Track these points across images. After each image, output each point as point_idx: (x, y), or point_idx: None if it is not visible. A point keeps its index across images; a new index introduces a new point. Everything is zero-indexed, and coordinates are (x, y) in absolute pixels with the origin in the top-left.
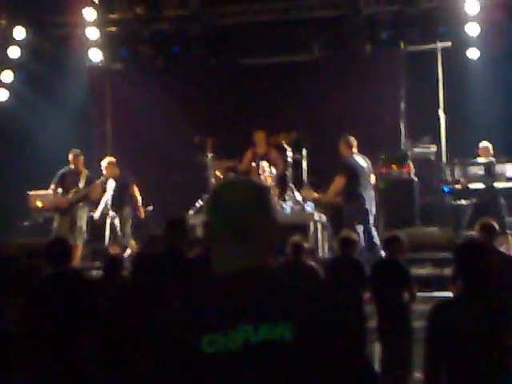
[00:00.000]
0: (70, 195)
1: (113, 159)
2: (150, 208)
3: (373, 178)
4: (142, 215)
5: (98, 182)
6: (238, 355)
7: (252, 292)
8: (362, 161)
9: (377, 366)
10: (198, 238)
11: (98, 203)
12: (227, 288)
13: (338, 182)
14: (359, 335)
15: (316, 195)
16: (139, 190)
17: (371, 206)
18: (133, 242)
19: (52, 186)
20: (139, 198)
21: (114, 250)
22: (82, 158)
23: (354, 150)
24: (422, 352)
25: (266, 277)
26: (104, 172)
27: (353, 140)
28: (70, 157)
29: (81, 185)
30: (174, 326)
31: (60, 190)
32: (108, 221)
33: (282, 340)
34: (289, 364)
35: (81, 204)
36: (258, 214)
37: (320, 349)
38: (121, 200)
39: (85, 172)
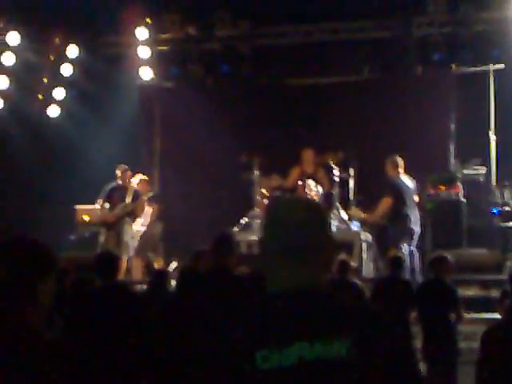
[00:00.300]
0: (117, 210)
1: (145, 177)
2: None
3: (416, 198)
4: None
5: (144, 197)
6: (293, 372)
7: (307, 310)
8: (408, 181)
9: None
10: (244, 255)
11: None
12: (283, 305)
13: (385, 203)
14: (411, 350)
15: (363, 215)
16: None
17: (416, 227)
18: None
19: (99, 201)
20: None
21: (159, 264)
22: (129, 173)
23: (401, 170)
24: (474, 375)
25: (321, 295)
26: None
27: (399, 160)
28: (118, 172)
29: (128, 200)
30: (229, 341)
31: (107, 205)
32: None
33: (336, 357)
34: (343, 381)
35: (127, 219)
36: (316, 232)
37: (374, 365)
38: None
39: (132, 187)
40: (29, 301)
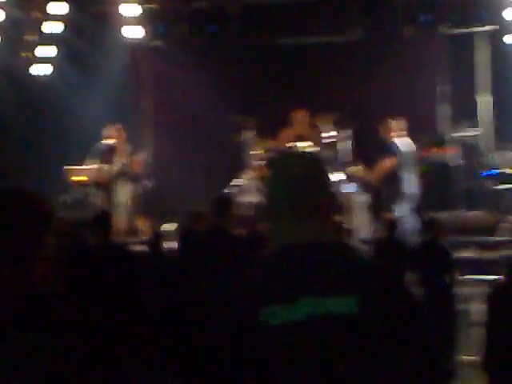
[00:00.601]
0: (112, 170)
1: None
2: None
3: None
4: None
5: (138, 156)
6: (302, 327)
7: (315, 264)
8: (404, 143)
9: None
10: (237, 217)
11: (139, 177)
12: (290, 260)
13: (385, 163)
14: (420, 306)
15: (362, 173)
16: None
17: (412, 189)
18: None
19: (93, 161)
20: None
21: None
22: (122, 133)
23: (394, 133)
24: (483, 336)
25: (327, 250)
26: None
27: (394, 124)
28: (113, 131)
29: (122, 160)
30: (237, 298)
31: (101, 165)
32: None
33: (345, 313)
34: (352, 336)
35: (121, 179)
36: (321, 187)
37: (384, 320)
38: None
39: (125, 147)
40: (36, 255)
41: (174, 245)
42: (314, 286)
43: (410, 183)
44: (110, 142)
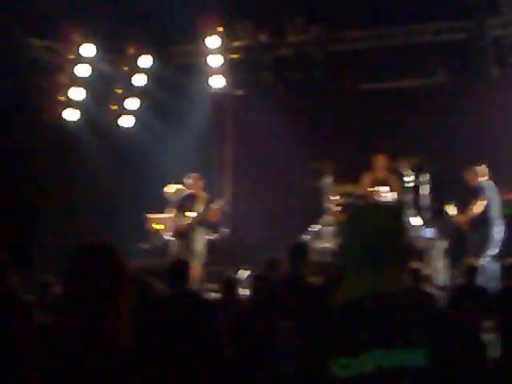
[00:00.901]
0: (190, 219)
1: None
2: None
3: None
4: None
5: (216, 205)
6: (372, 380)
7: (385, 317)
8: (491, 188)
9: None
10: (315, 263)
11: (216, 226)
12: (360, 312)
13: (479, 206)
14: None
15: (456, 213)
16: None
17: (499, 235)
18: None
19: (172, 210)
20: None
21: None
22: (201, 181)
23: (482, 178)
24: None
25: (398, 302)
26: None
27: (481, 169)
28: (190, 181)
29: (199, 208)
30: (307, 349)
31: (179, 214)
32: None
33: (417, 365)
34: None
35: (198, 227)
36: (396, 237)
37: (456, 374)
38: None
39: (203, 195)
40: (114, 314)
41: (246, 292)
42: (385, 338)
43: (498, 228)
44: (189, 190)
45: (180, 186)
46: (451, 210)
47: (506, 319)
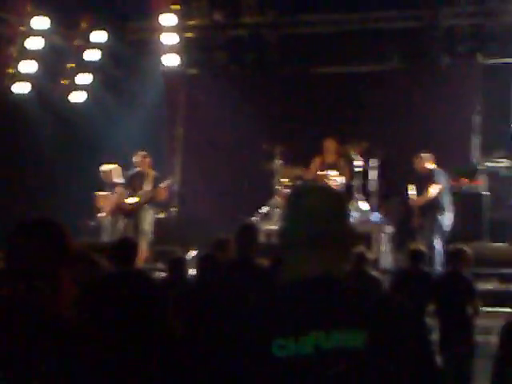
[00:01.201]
0: (138, 197)
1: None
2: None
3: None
4: None
5: (164, 183)
6: (309, 361)
7: (325, 299)
8: (443, 173)
9: None
10: (263, 245)
11: (164, 205)
12: (300, 294)
13: (435, 188)
14: (429, 341)
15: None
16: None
17: (449, 220)
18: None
19: (118, 188)
20: None
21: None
22: (148, 159)
23: (430, 164)
24: (491, 369)
25: (339, 284)
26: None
27: (429, 156)
28: (137, 158)
29: (146, 187)
30: (246, 329)
31: (127, 192)
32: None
33: (353, 347)
34: (360, 371)
35: (146, 206)
36: (336, 220)
37: (391, 355)
38: None
39: (152, 173)
40: (53, 285)
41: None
42: (324, 320)
43: (448, 214)
44: (137, 168)
45: (115, 166)
46: (411, 190)
47: (447, 303)
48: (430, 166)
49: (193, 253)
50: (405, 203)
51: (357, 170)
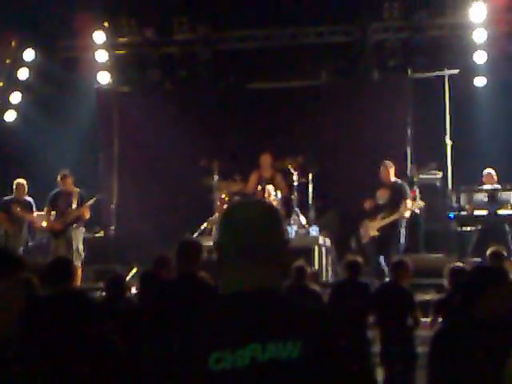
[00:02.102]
0: (64, 217)
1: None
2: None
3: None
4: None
5: (90, 202)
6: (245, 373)
7: (261, 311)
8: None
9: None
10: (204, 261)
11: (91, 223)
12: (236, 307)
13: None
14: (365, 354)
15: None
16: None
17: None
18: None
19: (45, 210)
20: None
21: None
22: (69, 178)
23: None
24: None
25: (274, 296)
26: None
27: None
28: (58, 178)
29: (73, 205)
30: (185, 343)
31: (53, 213)
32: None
33: (288, 359)
34: (294, 381)
35: (75, 225)
36: (270, 234)
37: (325, 366)
38: None
39: (76, 191)
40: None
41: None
42: (260, 333)
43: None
44: (59, 188)
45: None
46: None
47: (387, 315)
48: (393, 177)
49: (133, 271)
50: (341, 216)
51: (293, 184)
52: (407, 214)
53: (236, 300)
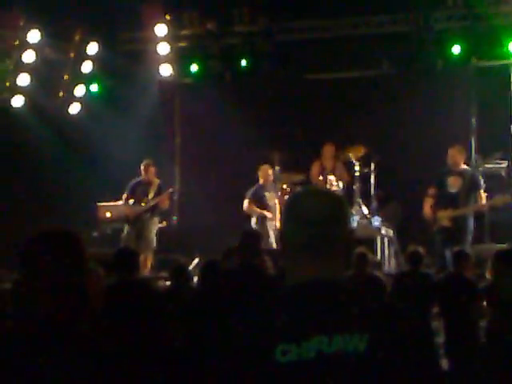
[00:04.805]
0: (140, 206)
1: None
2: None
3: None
4: None
5: (167, 192)
6: (311, 365)
7: (327, 303)
8: None
9: None
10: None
11: (166, 213)
12: (301, 298)
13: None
14: (432, 345)
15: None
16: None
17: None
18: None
19: (124, 197)
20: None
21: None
22: (152, 168)
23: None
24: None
25: (340, 288)
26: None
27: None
28: (142, 167)
29: (150, 195)
30: (249, 334)
31: (131, 201)
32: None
33: (355, 351)
34: (362, 375)
35: (149, 214)
36: (335, 224)
37: (393, 359)
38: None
39: (156, 182)
40: (82, 299)
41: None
42: (326, 325)
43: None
44: (141, 177)
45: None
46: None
47: (450, 306)
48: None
49: (195, 261)
50: (404, 206)
51: (355, 174)
52: (485, 208)
53: (301, 291)
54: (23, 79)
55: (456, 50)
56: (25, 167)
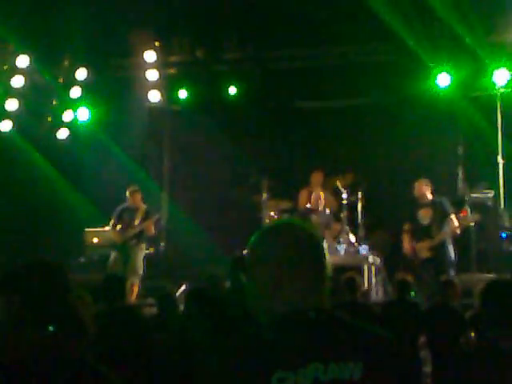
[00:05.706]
0: (127, 231)
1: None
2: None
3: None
4: None
5: (153, 218)
6: None
7: (320, 331)
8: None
9: None
10: None
11: (152, 240)
12: (295, 326)
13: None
14: (420, 375)
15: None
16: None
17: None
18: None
19: (111, 223)
20: None
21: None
22: (138, 194)
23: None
24: None
25: (331, 316)
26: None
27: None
28: (127, 193)
29: (137, 221)
30: (245, 362)
31: (119, 227)
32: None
33: (350, 379)
34: None
35: (135, 240)
36: (303, 261)
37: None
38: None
39: (142, 208)
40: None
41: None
42: (321, 353)
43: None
44: (127, 203)
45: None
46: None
47: (436, 335)
48: (430, 195)
49: (182, 287)
50: (391, 234)
51: (343, 202)
52: (458, 230)
53: (293, 319)
54: (12, 104)
55: (443, 79)
56: (12, 193)
